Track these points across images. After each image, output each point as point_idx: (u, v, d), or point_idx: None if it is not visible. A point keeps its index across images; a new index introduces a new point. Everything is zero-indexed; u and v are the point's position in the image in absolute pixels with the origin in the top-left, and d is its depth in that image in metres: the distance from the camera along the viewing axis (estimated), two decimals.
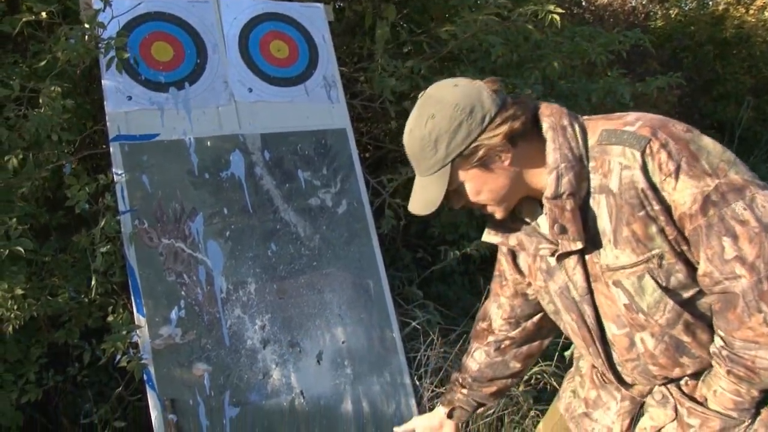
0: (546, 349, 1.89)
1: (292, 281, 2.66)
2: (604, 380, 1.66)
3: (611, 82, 3.75)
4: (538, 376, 2.88)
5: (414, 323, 2.91)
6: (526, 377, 2.90)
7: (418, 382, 2.77)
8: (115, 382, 2.80)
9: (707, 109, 6.79)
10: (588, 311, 1.46)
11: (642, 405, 1.59)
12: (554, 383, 2.87)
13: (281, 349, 2.60)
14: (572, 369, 1.87)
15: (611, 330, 1.46)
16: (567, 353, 2.67)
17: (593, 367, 1.71)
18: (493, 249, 1.75)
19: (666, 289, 1.35)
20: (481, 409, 1.95)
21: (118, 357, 2.41)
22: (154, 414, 2.42)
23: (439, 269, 3.38)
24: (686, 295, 1.36)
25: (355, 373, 2.69)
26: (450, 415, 1.88)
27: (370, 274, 2.78)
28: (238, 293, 2.58)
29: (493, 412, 2.81)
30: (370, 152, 3.53)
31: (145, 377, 2.45)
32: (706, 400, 1.41)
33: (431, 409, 1.97)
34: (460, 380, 1.87)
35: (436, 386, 2.73)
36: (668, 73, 3.90)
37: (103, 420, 2.67)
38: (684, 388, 1.47)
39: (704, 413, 1.40)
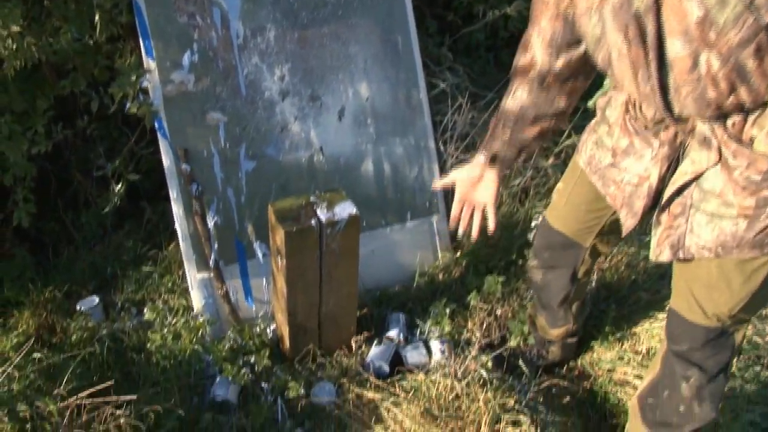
0: (587, 89, 1.73)
1: (315, 30, 2.44)
2: (636, 129, 1.58)
3: None
4: (569, 150, 2.75)
5: (442, 85, 2.73)
6: (555, 150, 2.77)
7: (442, 147, 2.64)
8: (126, 137, 2.71)
9: None
10: (651, 26, 1.31)
11: (680, 153, 1.52)
12: None
13: (301, 102, 2.45)
14: (594, 120, 1.76)
15: (674, 48, 1.32)
16: (590, 103, 2.50)
17: (626, 112, 1.61)
18: (522, 25, 1.56)
19: (751, 4, 1.20)
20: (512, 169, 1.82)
21: (128, 104, 2.27)
22: (167, 163, 2.33)
23: (465, 37, 3.14)
24: None
25: (378, 132, 2.55)
26: (492, 162, 1.76)
27: (400, 29, 2.55)
28: (256, 40, 2.37)
29: (519, 183, 2.72)
30: None
31: (156, 126, 2.33)
32: (752, 141, 1.35)
33: None
34: (502, 122, 1.72)
35: (461, 152, 2.61)
36: None
37: (116, 173, 2.60)
38: (730, 129, 1.38)
39: (752, 155, 1.35)
